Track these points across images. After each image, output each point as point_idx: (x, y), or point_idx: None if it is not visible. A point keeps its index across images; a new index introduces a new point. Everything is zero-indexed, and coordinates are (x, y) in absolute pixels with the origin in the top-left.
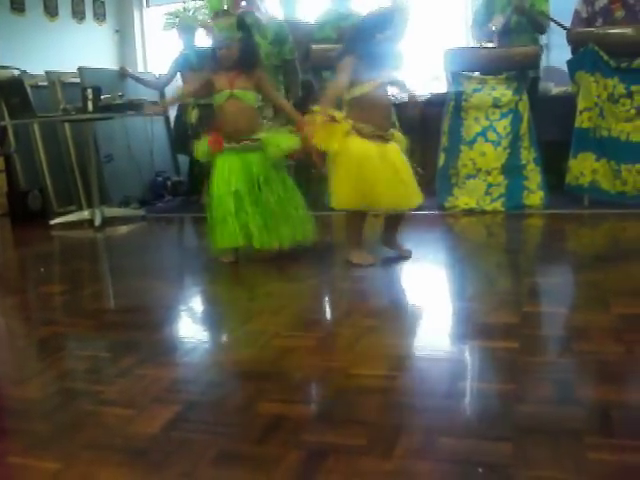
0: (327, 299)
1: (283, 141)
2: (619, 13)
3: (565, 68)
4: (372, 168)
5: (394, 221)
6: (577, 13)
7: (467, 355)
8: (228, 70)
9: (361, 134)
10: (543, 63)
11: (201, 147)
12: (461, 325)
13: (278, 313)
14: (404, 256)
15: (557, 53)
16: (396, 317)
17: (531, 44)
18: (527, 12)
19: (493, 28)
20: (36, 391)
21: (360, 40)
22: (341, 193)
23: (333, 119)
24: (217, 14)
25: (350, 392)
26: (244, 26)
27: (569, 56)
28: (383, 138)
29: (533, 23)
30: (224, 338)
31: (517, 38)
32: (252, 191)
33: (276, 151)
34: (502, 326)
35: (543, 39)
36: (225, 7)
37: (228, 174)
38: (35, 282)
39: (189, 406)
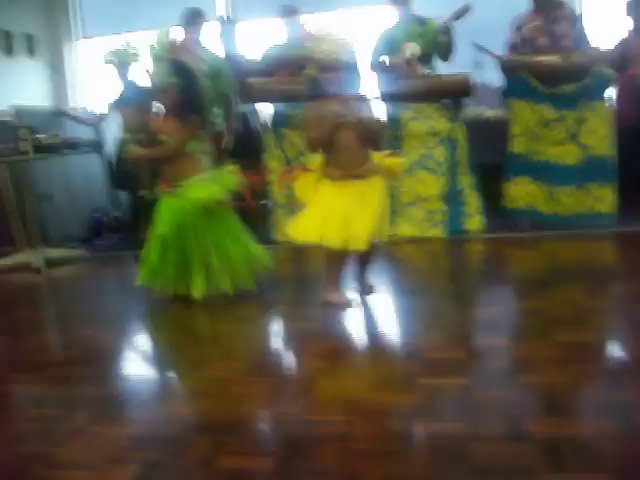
0: (278, 340)
1: (201, 190)
2: (542, 40)
3: (497, 86)
4: (343, 209)
5: (365, 258)
6: (510, 40)
7: (419, 394)
8: (170, 114)
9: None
10: (476, 81)
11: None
12: (411, 362)
13: (230, 357)
14: (367, 292)
15: (489, 71)
16: (347, 358)
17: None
18: (452, 37)
19: (413, 54)
20: None
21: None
22: (322, 232)
23: (306, 169)
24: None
25: (308, 440)
26: (180, 72)
27: (500, 74)
28: (357, 176)
29: (446, 49)
30: (177, 388)
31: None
32: (181, 237)
33: (193, 201)
34: (450, 361)
35: (476, 57)
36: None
37: (160, 218)
38: None
39: (148, 465)
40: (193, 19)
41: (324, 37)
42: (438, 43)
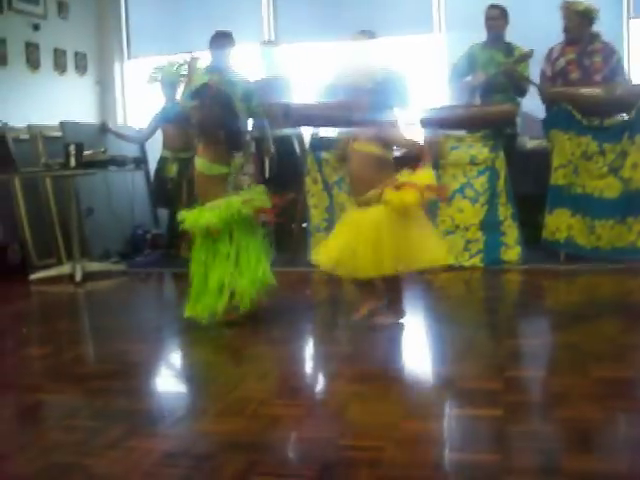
0: (312, 364)
1: (195, 216)
2: (574, 74)
3: (537, 114)
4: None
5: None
6: (543, 73)
7: (453, 424)
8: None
9: None
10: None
11: None
12: (446, 392)
13: (264, 379)
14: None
15: (530, 100)
16: (381, 383)
17: (510, 103)
18: (515, 77)
19: (475, 83)
20: (23, 467)
21: None
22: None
23: None
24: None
25: (339, 465)
26: (199, 94)
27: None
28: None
29: (516, 87)
30: (212, 406)
31: (498, 97)
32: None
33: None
34: (485, 392)
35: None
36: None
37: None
38: (15, 344)
39: None
40: (221, 42)
41: (353, 64)
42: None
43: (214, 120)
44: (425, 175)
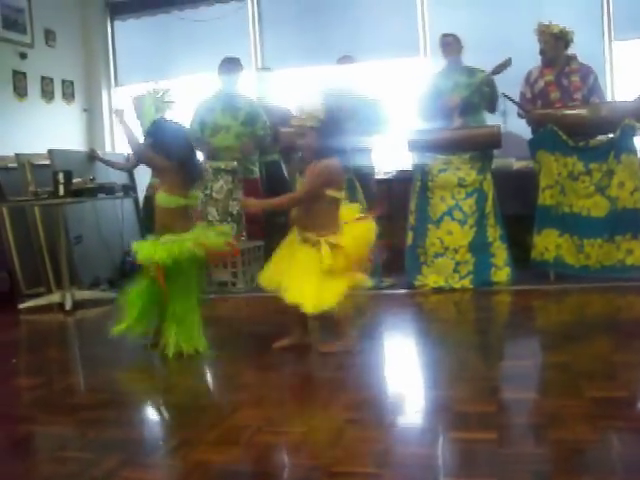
0: (305, 389)
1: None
2: (554, 94)
3: (522, 134)
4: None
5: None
6: (522, 95)
7: (448, 448)
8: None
9: None
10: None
11: None
12: (440, 416)
13: (258, 406)
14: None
15: (514, 119)
16: (375, 409)
17: (482, 123)
18: (495, 88)
19: (452, 105)
20: None
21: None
22: None
23: None
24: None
25: None
26: (150, 132)
27: (528, 126)
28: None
29: (491, 100)
30: (207, 435)
31: (472, 118)
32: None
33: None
34: (479, 415)
35: (500, 106)
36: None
37: None
38: (5, 374)
39: None
40: (230, 67)
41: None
42: (484, 94)
43: (166, 154)
44: (366, 227)
